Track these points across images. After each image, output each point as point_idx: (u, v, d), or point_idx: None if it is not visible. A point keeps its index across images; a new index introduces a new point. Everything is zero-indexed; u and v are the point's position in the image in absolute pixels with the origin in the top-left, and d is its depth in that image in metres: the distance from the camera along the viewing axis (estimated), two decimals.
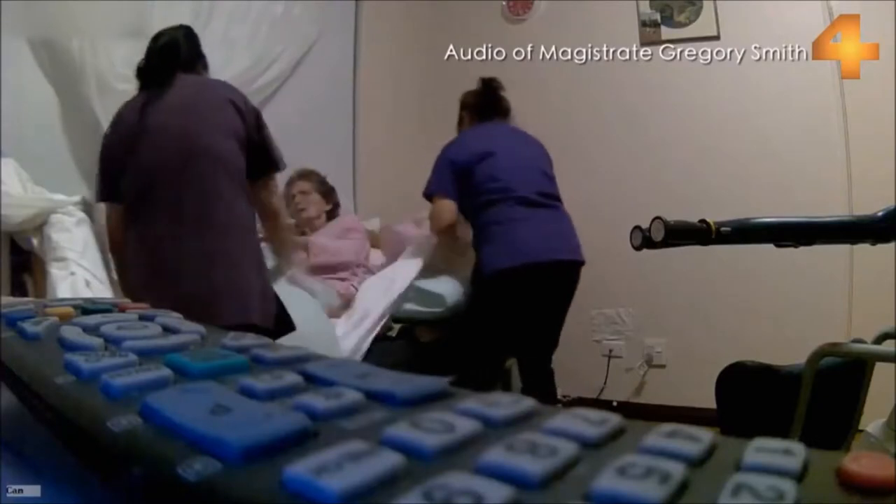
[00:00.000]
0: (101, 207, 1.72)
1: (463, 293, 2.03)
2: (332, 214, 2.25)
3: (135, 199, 1.32)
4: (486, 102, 2.04)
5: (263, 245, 1.50)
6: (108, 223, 1.42)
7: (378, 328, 1.88)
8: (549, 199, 1.92)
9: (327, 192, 2.24)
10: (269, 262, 1.55)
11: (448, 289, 2.00)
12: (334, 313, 1.87)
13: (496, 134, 1.99)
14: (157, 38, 1.42)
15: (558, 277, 1.90)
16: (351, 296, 1.99)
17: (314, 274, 2.00)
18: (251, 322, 1.31)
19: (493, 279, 1.85)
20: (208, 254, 1.29)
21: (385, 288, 1.96)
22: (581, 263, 1.92)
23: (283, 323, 1.43)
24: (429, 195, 1.98)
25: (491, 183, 1.88)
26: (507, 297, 1.84)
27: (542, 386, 1.96)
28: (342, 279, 2.06)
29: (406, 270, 2.01)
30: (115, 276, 1.64)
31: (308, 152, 2.20)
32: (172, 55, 1.38)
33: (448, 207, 1.94)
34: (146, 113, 1.31)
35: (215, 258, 1.29)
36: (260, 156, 1.38)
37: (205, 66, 1.47)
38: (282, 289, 1.57)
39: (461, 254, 2.08)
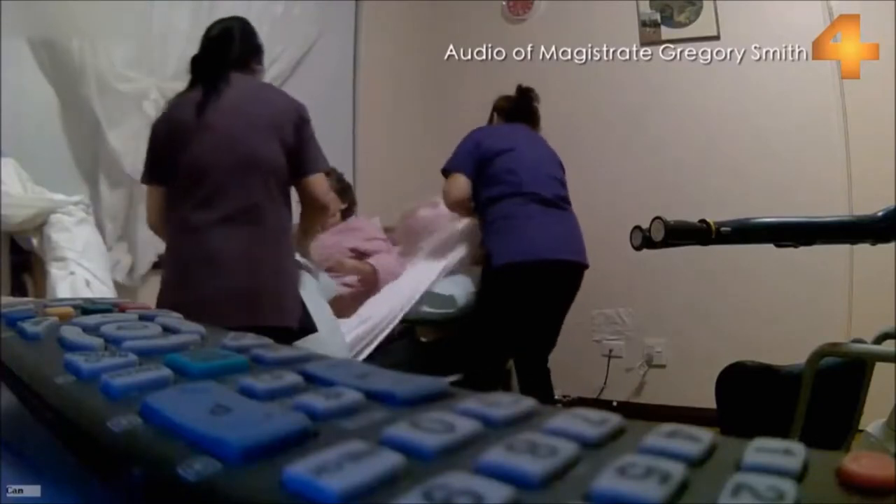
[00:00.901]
0: (106, 203, 1.74)
1: (473, 292, 2.02)
2: (347, 213, 2.22)
3: (183, 190, 1.36)
4: (517, 108, 2.08)
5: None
6: (149, 202, 1.46)
7: (380, 333, 1.85)
8: (560, 201, 1.94)
9: (343, 190, 2.20)
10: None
11: (458, 290, 1.99)
12: (341, 314, 1.86)
13: (518, 133, 2.03)
14: (210, 29, 1.44)
15: (561, 277, 1.91)
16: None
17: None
18: (287, 325, 1.36)
19: (501, 272, 1.87)
20: (254, 254, 1.33)
21: (394, 292, 1.94)
22: (585, 266, 1.93)
23: (305, 325, 1.46)
24: (446, 170, 2.00)
25: (507, 176, 1.91)
26: (512, 291, 1.85)
27: (538, 385, 1.96)
28: None
29: (422, 275, 2.00)
30: (115, 276, 1.65)
31: None
32: (224, 48, 1.40)
33: (462, 182, 1.97)
34: (203, 112, 1.34)
35: (262, 260, 1.34)
36: (308, 155, 1.42)
37: (259, 62, 1.49)
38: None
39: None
